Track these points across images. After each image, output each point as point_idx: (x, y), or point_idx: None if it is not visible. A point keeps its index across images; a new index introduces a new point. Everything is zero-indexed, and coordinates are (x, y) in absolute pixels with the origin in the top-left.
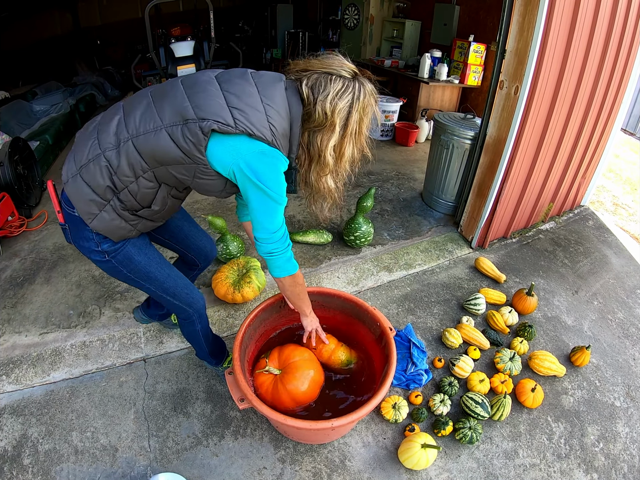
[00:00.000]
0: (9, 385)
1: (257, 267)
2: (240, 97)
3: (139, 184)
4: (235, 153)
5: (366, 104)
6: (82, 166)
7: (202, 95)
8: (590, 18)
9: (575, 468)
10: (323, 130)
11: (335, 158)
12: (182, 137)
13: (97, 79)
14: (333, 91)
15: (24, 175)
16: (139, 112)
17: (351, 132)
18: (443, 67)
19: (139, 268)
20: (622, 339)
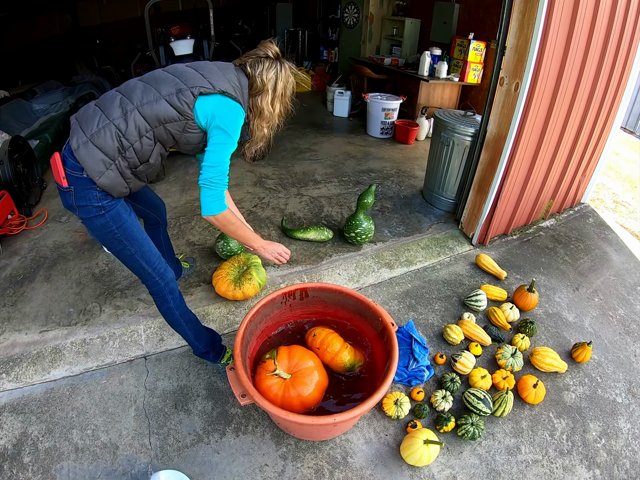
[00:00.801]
0: (9, 383)
1: (257, 264)
2: (210, 73)
3: (141, 142)
4: (214, 104)
5: (287, 75)
6: (92, 134)
7: (186, 74)
8: (590, 15)
9: (578, 464)
10: (261, 94)
11: (271, 111)
12: (178, 100)
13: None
14: (264, 67)
15: (23, 173)
16: (139, 91)
17: (278, 94)
18: (443, 65)
19: (125, 226)
20: (623, 336)
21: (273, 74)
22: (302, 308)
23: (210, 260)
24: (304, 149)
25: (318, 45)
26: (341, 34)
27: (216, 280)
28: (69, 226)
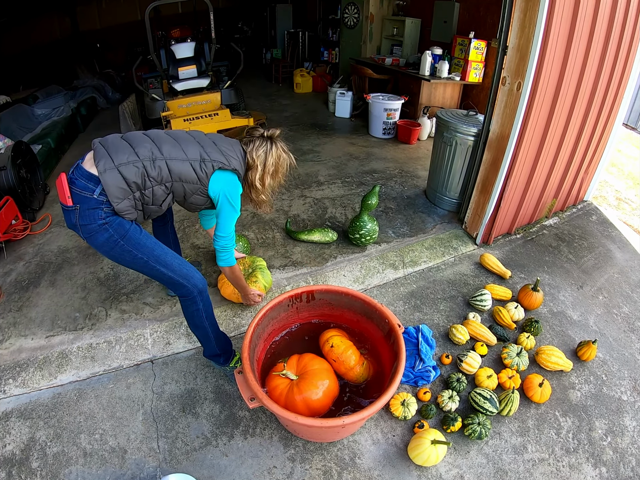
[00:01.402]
0: (16, 388)
1: (263, 267)
2: (227, 150)
3: (156, 189)
4: (225, 181)
5: (278, 153)
6: (121, 164)
7: (208, 146)
8: (591, 13)
9: (584, 462)
10: (252, 169)
11: (261, 185)
12: (200, 168)
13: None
14: (254, 146)
15: (27, 178)
16: (169, 145)
17: (268, 170)
18: (444, 65)
19: (130, 234)
20: (628, 333)
21: (262, 152)
22: (309, 310)
23: (215, 264)
24: (306, 150)
25: (318, 46)
26: (341, 35)
27: (222, 284)
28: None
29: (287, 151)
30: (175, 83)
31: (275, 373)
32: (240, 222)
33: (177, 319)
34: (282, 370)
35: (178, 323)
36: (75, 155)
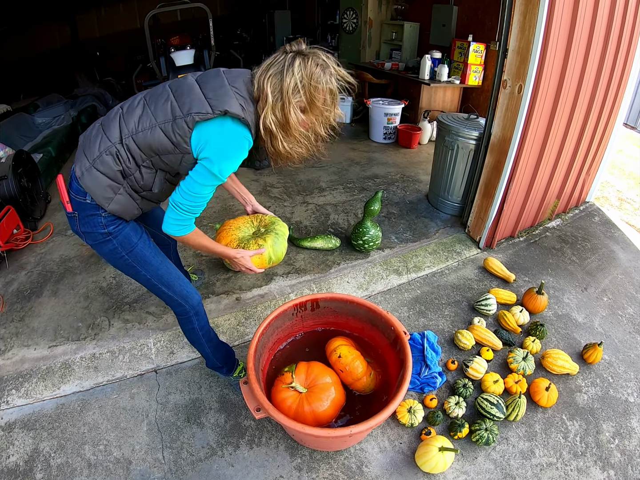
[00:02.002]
0: (19, 399)
1: (280, 234)
2: (215, 90)
3: (141, 172)
4: (212, 132)
5: (309, 72)
6: (95, 159)
7: (186, 94)
8: (590, 14)
9: (592, 465)
10: (262, 102)
11: (279, 125)
12: (172, 131)
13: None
14: (264, 64)
15: (28, 188)
16: (137, 114)
17: (287, 100)
18: (443, 68)
19: (136, 250)
20: (634, 334)
21: (276, 71)
22: (314, 319)
23: (218, 272)
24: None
25: None
26: (340, 40)
27: (221, 231)
28: (74, 240)
29: (330, 66)
30: None
31: (285, 386)
32: None
33: (180, 328)
34: (290, 382)
35: (181, 332)
36: None
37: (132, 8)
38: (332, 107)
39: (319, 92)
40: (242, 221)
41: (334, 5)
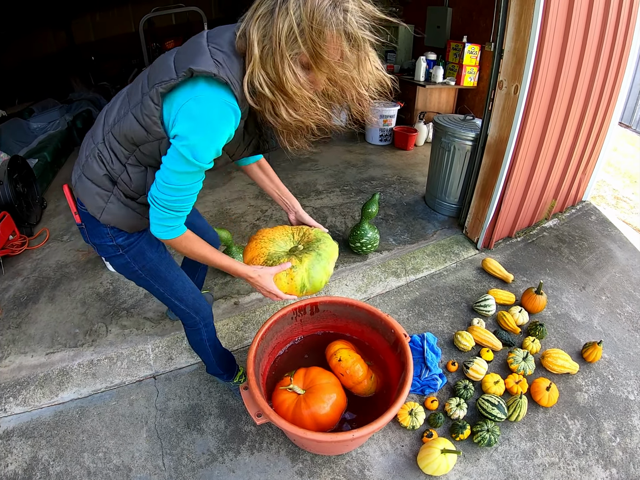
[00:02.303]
0: (16, 407)
1: (323, 255)
2: (187, 52)
3: (128, 172)
4: (175, 106)
5: (307, 10)
6: (82, 165)
7: (157, 66)
8: (585, 14)
9: (594, 464)
10: (248, 54)
11: (274, 86)
12: (141, 113)
13: (93, 95)
14: (256, 2)
15: (23, 193)
16: (117, 106)
17: (282, 50)
18: (439, 70)
19: (150, 266)
20: (632, 332)
21: (266, 9)
22: (313, 323)
23: (215, 276)
24: (303, 159)
25: None
26: None
27: (250, 240)
28: (71, 245)
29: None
30: None
31: (282, 387)
32: (240, 233)
33: (178, 334)
34: (288, 385)
35: (180, 338)
36: (71, 169)
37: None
38: (352, 62)
39: (326, 39)
40: (279, 232)
41: None
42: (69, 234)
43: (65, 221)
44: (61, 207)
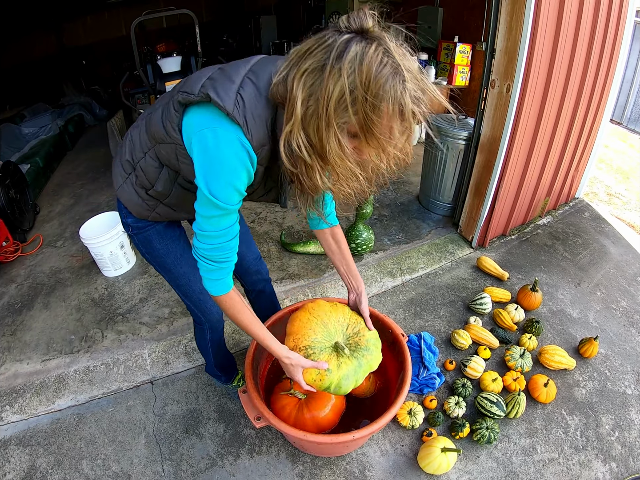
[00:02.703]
0: (13, 415)
1: (364, 366)
2: (225, 69)
3: (146, 160)
4: (193, 126)
5: (364, 77)
6: (122, 144)
7: (198, 72)
8: (575, 13)
9: (594, 459)
10: (287, 105)
11: (313, 152)
12: (164, 113)
13: (84, 99)
14: (304, 47)
15: (16, 199)
16: (157, 100)
17: (329, 116)
18: (430, 70)
19: (156, 255)
20: (628, 327)
21: (315, 64)
22: None
23: None
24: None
25: None
26: None
27: (303, 311)
28: (64, 251)
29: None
30: None
31: (283, 393)
32: None
33: (175, 338)
34: (289, 389)
35: (176, 342)
36: (64, 173)
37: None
38: (400, 138)
39: (381, 115)
40: (335, 316)
41: (320, 10)
42: (63, 239)
43: (58, 227)
44: (54, 212)
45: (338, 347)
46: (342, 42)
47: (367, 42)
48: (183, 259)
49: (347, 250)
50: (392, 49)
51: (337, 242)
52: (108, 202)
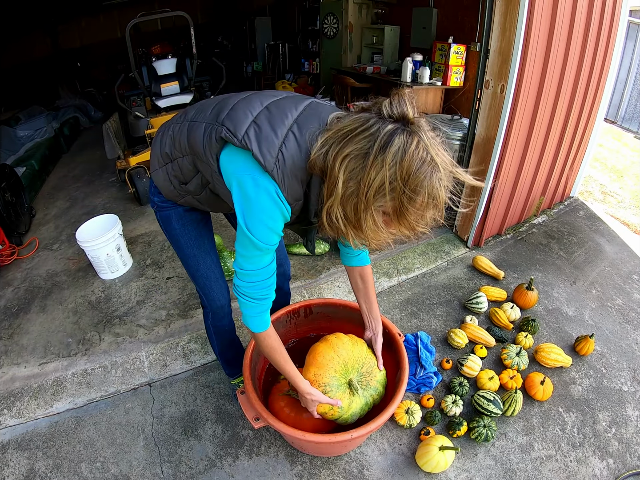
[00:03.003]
0: (11, 419)
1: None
2: (271, 115)
3: (184, 161)
4: (234, 170)
5: (407, 164)
6: (165, 127)
7: (244, 104)
8: (569, 13)
9: (591, 455)
10: (328, 182)
11: (349, 225)
12: (206, 135)
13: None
14: (345, 128)
15: (12, 202)
16: (207, 104)
17: (368, 201)
18: (425, 70)
19: (172, 232)
20: (624, 325)
21: (358, 151)
22: (307, 325)
23: None
24: None
25: (299, 57)
26: (321, 45)
27: (326, 343)
28: (61, 254)
29: (442, 163)
30: (158, 100)
31: (282, 394)
32: (230, 238)
33: (172, 340)
34: (287, 391)
35: (174, 344)
36: (59, 176)
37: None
38: (432, 220)
39: (415, 204)
40: (355, 355)
41: (315, 11)
42: (59, 242)
43: (54, 230)
44: (50, 215)
45: (352, 386)
46: (386, 133)
47: (408, 135)
48: (196, 242)
49: (372, 291)
50: (430, 145)
51: (364, 281)
52: (104, 204)
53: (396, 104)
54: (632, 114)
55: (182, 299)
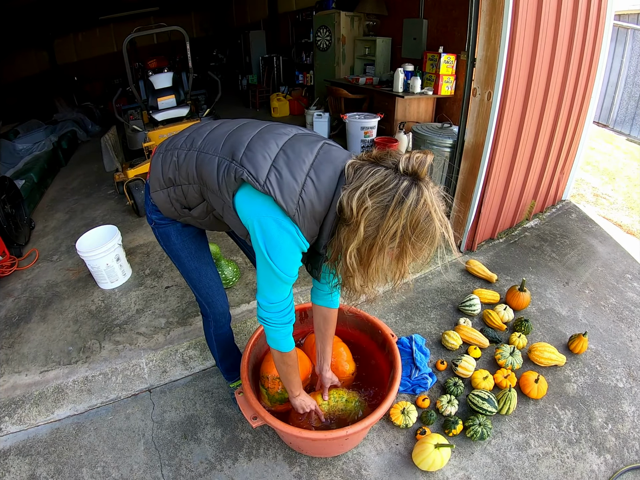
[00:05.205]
0: (12, 426)
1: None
2: (289, 161)
3: (189, 189)
4: (255, 211)
5: (417, 215)
6: (166, 150)
7: (260, 144)
8: (553, 20)
9: (588, 451)
10: (349, 227)
11: (359, 264)
12: (223, 172)
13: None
14: (367, 183)
15: (11, 214)
16: (215, 135)
17: (383, 243)
18: (416, 80)
19: (172, 248)
20: (617, 323)
21: (379, 204)
22: (303, 328)
23: None
24: None
25: (293, 69)
26: (315, 57)
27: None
28: (60, 264)
29: (437, 217)
30: (155, 113)
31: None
32: (227, 246)
33: (171, 347)
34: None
35: (173, 351)
36: (58, 189)
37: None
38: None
39: (416, 249)
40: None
41: (308, 24)
42: (59, 253)
43: (54, 241)
44: (49, 227)
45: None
46: (402, 190)
47: (418, 192)
48: (196, 255)
49: (331, 333)
50: (434, 200)
51: (326, 322)
52: (103, 216)
53: (412, 162)
54: (624, 117)
55: (181, 307)
